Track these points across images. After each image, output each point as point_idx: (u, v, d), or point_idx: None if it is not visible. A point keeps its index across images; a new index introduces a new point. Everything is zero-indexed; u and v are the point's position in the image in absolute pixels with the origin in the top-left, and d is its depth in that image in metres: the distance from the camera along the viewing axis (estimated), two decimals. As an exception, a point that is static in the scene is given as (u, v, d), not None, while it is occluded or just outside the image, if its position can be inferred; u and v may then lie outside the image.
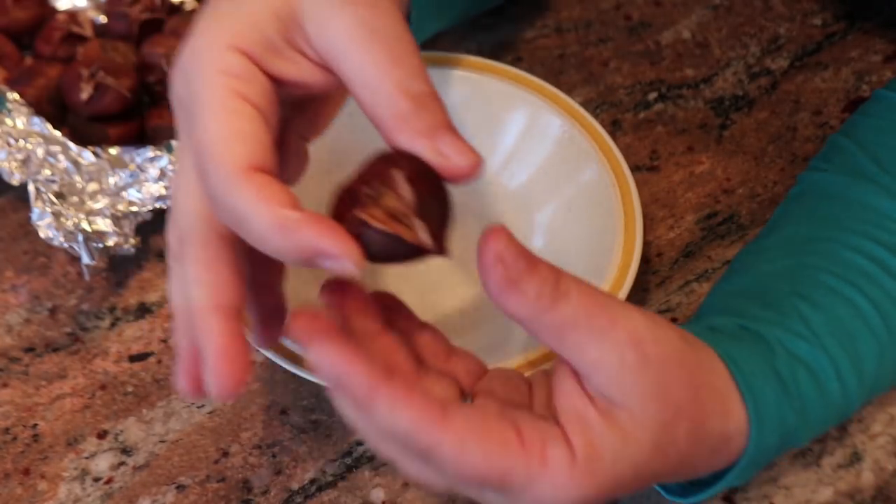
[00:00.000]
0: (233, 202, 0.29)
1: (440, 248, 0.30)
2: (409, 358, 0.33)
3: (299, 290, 0.47)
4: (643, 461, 0.32)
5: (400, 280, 0.47)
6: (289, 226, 0.28)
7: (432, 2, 0.46)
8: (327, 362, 0.29)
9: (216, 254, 0.31)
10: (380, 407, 0.29)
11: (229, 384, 0.30)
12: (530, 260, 0.30)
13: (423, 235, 0.29)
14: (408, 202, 0.29)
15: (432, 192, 0.30)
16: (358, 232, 0.29)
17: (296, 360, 0.41)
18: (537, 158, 0.50)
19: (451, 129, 0.31)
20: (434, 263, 0.43)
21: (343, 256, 0.28)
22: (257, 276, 0.35)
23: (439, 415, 0.29)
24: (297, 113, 0.36)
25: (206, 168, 0.29)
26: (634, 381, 0.31)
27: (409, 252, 0.29)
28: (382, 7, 0.31)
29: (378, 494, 0.42)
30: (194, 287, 0.31)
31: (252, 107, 0.30)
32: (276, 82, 0.31)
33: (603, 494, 0.31)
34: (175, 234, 0.32)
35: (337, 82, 0.33)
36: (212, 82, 0.30)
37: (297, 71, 0.32)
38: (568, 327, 0.30)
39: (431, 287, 0.47)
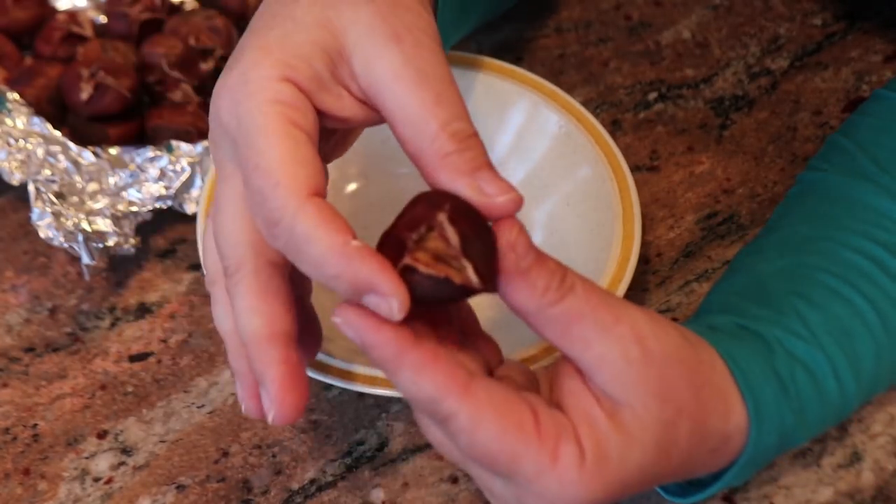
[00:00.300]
0: (293, 226, 0.29)
1: (489, 286, 0.30)
2: (454, 329, 0.33)
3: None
4: (647, 463, 0.32)
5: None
6: (349, 255, 0.29)
7: (453, 14, 0.46)
8: (354, 324, 0.29)
9: (268, 282, 0.32)
10: (404, 373, 0.30)
11: (290, 412, 0.31)
12: (539, 253, 0.30)
13: (471, 275, 0.29)
14: (453, 243, 0.29)
15: (475, 230, 0.30)
16: (405, 277, 0.29)
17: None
18: (535, 155, 0.50)
19: (491, 168, 0.32)
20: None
21: (392, 296, 0.29)
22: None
23: (462, 385, 0.30)
24: (323, 139, 0.36)
25: (264, 193, 0.30)
26: (637, 377, 0.31)
27: (457, 293, 0.30)
28: (427, 46, 0.33)
29: (378, 494, 0.42)
30: (249, 316, 0.32)
31: (306, 135, 0.31)
32: (321, 115, 0.32)
33: (609, 496, 0.31)
34: (218, 263, 0.33)
35: (376, 118, 0.34)
36: (268, 110, 0.31)
37: (341, 106, 0.33)
38: (574, 321, 0.31)
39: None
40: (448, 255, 0.30)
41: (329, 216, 0.30)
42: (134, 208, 0.48)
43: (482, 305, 0.49)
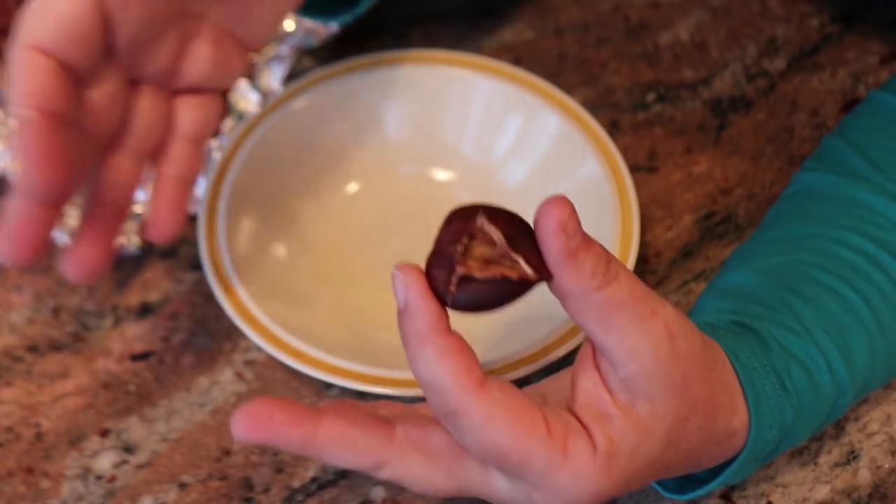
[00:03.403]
0: None
1: (545, 275, 0.30)
2: None
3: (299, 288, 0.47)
4: (656, 455, 0.32)
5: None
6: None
7: None
8: (409, 284, 0.30)
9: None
10: (428, 351, 0.30)
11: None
12: (587, 236, 0.30)
13: (525, 268, 0.30)
14: (498, 242, 0.30)
15: (515, 226, 0.30)
16: (466, 289, 0.30)
17: (298, 357, 0.42)
18: (535, 155, 0.50)
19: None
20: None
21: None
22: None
23: (477, 382, 0.30)
24: (218, 2, 0.36)
25: None
26: (664, 374, 0.31)
27: (517, 290, 0.30)
28: None
29: (378, 493, 0.42)
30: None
31: None
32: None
33: (618, 488, 0.32)
34: None
35: None
36: None
37: None
38: (615, 309, 0.30)
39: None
40: (497, 255, 0.30)
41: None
42: (137, 208, 0.48)
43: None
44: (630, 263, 0.44)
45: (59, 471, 0.43)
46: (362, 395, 0.45)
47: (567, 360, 0.42)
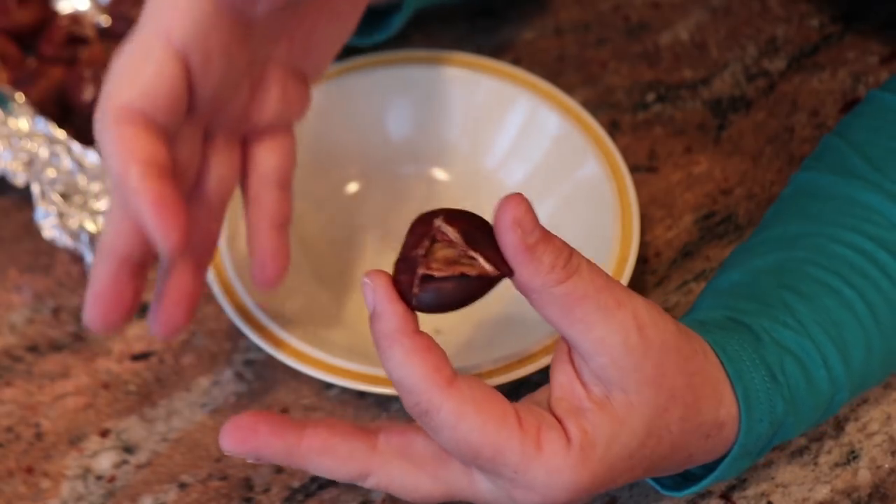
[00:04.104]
0: None
1: (504, 270, 0.31)
2: None
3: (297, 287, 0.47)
4: (636, 446, 0.32)
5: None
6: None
7: None
8: (377, 288, 0.31)
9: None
10: (396, 351, 0.31)
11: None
12: (545, 231, 0.31)
13: (484, 264, 0.30)
14: (456, 241, 0.30)
15: (474, 224, 0.31)
16: (427, 288, 0.31)
17: (298, 357, 0.42)
18: (535, 155, 0.50)
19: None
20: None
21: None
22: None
23: (446, 380, 0.31)
24: (282, 41, 0.36)
25: None
26: (635, 364, 0.31)
27: (478, 286, 0.31)
28: None
29: (378, 493, 0.42)
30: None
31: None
32: None
33: (597, 481, 0.32)
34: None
35: None
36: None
37: None
38: (577, 302, 0.31)
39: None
40: (457, 255, 0.30)
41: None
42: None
43: (478, 307, 0.49)
44: (630, 263, 0.44)
45: (59, 471, 0.43)
46: (362, 395, 0.45)
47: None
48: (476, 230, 0.31)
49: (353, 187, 0.52)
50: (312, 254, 0.49)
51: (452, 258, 0.31)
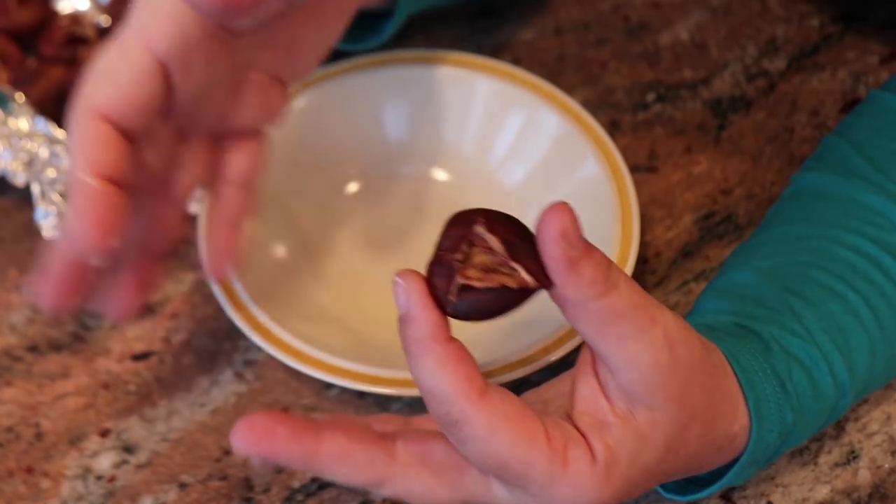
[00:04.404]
0: None
1: (545, 282, 0.30)
2: None
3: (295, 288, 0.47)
4: (655, 461, 0.32)
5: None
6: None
7: None
8: (411, 291, 0.30)
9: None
10: (428, 359, 0.30)
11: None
12: (587, 243, 0.30)
13: (525, 276, 0.30)
14: (497, 251, 0.30)
15: (514, 232, 0.30)
16: (465, 298, 0.30)
17: (298, 357, 0.42)
18: (535, 155, 0.50)
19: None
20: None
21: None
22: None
23: (479, 391, 0.30)
24: (266, 48, 0.36)
25: None
26: (663, 382, 0.31)
27: (517, 298, 0.30)
28: None
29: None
30: None
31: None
32: None
33: (617, 497, 0.32)
34: None
35: None
36: None
37: None
38: (614, 318, 0.30)
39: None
40: (496, 263, 0.30)
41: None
42: (136, 209, 0.48)
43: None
44: (630, 263, 0.44)
45: (59, 471, 0.43)
46: (362, 395, 0.45)
47: (566, 361, 0.42)
48: (516, 238, 0.30)
49: (352, 187, 0.52)
50: (312, 254, 0.49)
51: (490, 266, 0.30)
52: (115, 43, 0.32)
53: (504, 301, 0.30)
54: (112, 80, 0.32)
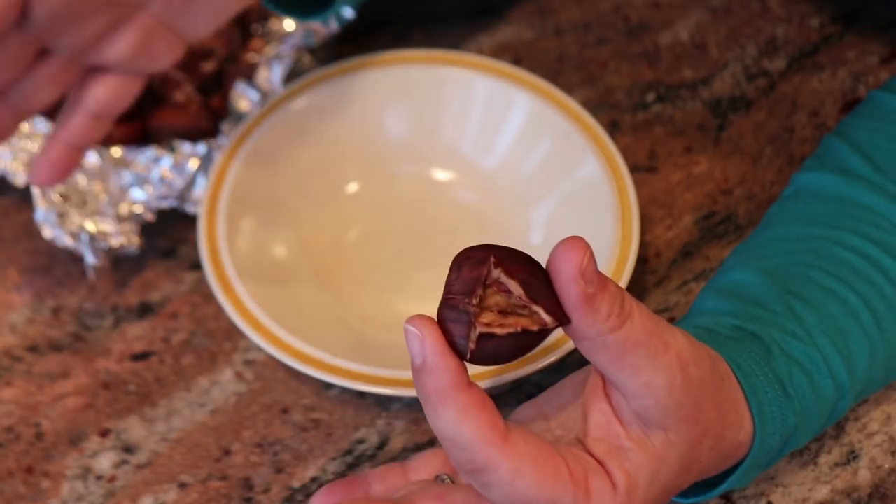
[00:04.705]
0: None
1: (563, 320, 0.30)
2: None
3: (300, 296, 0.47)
4: (671, 480, 0.32)
5: (410, 289, 0.48)
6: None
7: None
8: (425, 339, 0.29)
9: None
10: (450, 409, 0.29)
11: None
12: (602, 277, 0.30)
13: (545, 317, 0.29)
14: (517, 293, 0.29)
15: (529, 270, 0.30)
16: (485, 345, 0.29)
17: (298, 357, 0.42)
18: (535, 155, 0.50)
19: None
20: (429, 267, 0.43)
21: None
22: None
23: (501, 436, 0.30)
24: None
25: None
26: (678, 404, 0.31)
27: (537, 339, 0.30)
28: None
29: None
30: None
31: None
32: None
33: None
34: None
35: None
36: None
37: None
38: (629, 349, 0.30)
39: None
40: (513, 305, 0.29)
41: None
42: (137, 208, 0.48)
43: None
44: (630, 263, 0.44)
45: (59, 471, 0.43)
46: (362, 395, 0.45)
47: (565, 361, 0.42)
48: (533, 278, 0.29)
49: (352, 187, 0.52)
50: (312, 254, 0.49)
51: (506, 307, 0.29)
52: None
53: (524, 344, 0.29)
54: None
